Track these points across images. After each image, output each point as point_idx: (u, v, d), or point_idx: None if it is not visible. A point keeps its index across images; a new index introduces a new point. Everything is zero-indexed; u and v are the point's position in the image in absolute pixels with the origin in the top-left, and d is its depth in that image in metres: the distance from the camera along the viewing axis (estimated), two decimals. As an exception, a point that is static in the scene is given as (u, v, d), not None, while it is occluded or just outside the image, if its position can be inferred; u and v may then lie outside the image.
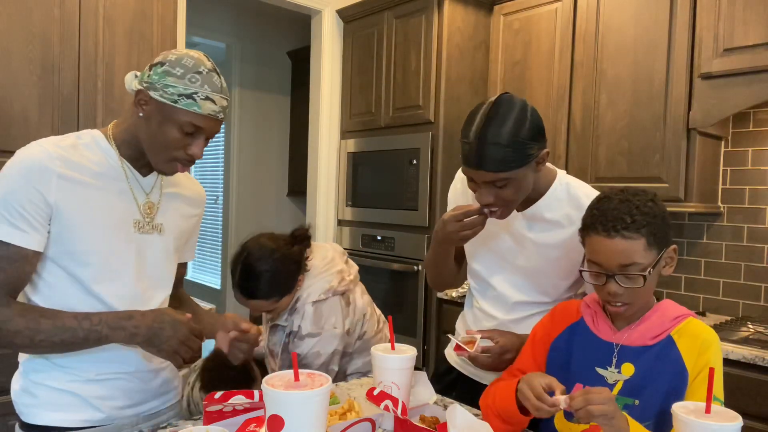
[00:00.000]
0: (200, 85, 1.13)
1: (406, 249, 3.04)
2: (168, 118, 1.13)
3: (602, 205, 1.13)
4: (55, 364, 1.18)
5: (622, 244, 1.08)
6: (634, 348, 1.15)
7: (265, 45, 4.72)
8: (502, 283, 1.49)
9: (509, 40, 2.98)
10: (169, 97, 1.12)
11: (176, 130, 1.14)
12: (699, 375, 1.09)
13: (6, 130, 2.06)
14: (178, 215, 1.33)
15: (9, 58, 2.07)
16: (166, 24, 2.41)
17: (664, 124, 2.39)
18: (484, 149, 1.20)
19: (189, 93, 1.12)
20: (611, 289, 1.11)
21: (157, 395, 1.31)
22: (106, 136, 1.22)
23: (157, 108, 1.14)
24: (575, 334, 1.23)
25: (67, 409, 1.18)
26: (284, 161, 4.89)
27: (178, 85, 1.12)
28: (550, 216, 1.38)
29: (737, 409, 0.95)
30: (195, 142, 1.16)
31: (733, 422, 0.89)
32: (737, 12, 2.18)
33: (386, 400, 1.08)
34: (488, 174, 1.22)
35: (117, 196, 1.20)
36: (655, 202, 1.14)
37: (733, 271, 2.52)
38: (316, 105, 3.54)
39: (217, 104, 1.15)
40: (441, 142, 2.93)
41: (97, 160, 1.19)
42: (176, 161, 1.18)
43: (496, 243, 1.48)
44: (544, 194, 1.38)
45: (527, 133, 1.22)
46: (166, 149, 1.16)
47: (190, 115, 1.13)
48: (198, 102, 1.12)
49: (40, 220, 1.11)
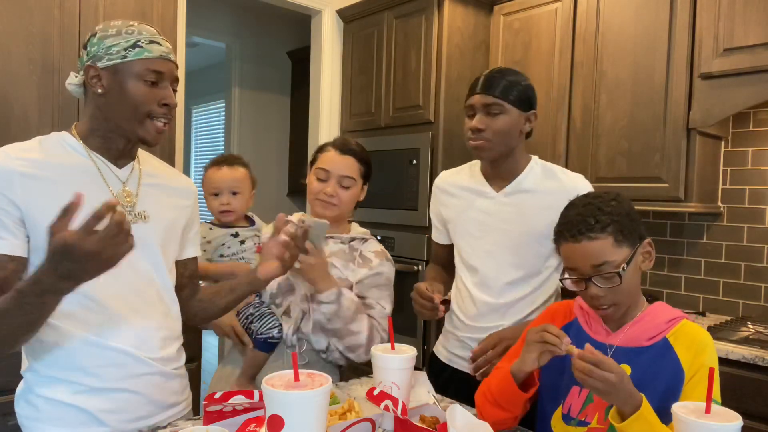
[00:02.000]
0: (138, 33, 1.15)
1: (406, 249, 3.04)
2: (126, 75, 1.14)
3: (568, 213, 1.18)
4: (59, 376, 1.14)
5: (590, 245, 1.11)
6: (629, 349, 1.16)
7: (265, 45, 4.72)
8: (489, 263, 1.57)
9: (509, 40, 2.98)
10: (117, 56, 1.13)
11: (140, 84, 1.14)
12: (695, 376, 1.09)
13: (6, 130, 2.06)
14: (162, 204, 1.28)
15: (9, 58, 2.07)
16: (166, 24, 2.41)
17: (664, 124, 2.39)
18: (493, 78, 1.51)
19: (133, 43, 1.14)
20: (592, 292, 1.13)
21: (165, 407, 1.26)
22: (71, 134, 1.21)
23: (111, 74, 1.14)
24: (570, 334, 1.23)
25: (71, 424, 1.14)
26: (284, 161, 4.89)
27: (119, 42, 1.14)
28: (527, 186, 1.56)
29: (737, 409, 0.95)
30: (162, 90, 1.16)
31: (733, 422, 0.89)
32: (737, 12, 2.18)
33: (386, 400, 1.08)
34: (489, 97, 1.49)
35: (88, 188, 1.13)
36: (618, 200, 1.16)
37: (733, 271, 2.52)
38: (316, 105, 3.54)
39: (163, 45, 1.17)
40: (441, 142, 2.93)
41: (63, 155, 1.17)
42: (151, 118, 1.16)
43: (479, 226, 1.59)
44: (521, 172, 1.58)
45: (529, 88, 1.53)
46: (136, 109, 1.14)
47: (144, 63, 1.14)
48: (145, 47, 1.14)
49: (12, 225, 1.08)
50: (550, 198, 1.46)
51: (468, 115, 1.55)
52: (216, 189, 1.81)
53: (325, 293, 1.48)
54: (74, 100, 2.21)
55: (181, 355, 1.33)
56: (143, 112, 1.15)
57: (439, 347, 1.73)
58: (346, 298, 1.50)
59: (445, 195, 1.71)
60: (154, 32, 1.19)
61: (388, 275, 1.65)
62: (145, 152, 1.34)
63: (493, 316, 1.56)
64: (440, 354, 1.71)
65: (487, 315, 1.57)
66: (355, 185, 1.63)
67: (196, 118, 6.45)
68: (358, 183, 1.64)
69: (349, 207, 1.66)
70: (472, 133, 1.52)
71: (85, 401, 1.14)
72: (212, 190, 1.81)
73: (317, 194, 1.60)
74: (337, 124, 3.56)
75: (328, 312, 1.49)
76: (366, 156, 1.66)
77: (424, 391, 1.34)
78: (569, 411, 1.19)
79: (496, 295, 1.57)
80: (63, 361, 1.15)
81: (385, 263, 1.65)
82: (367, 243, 1.67)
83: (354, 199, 1.65)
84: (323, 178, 1.60)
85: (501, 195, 1.58)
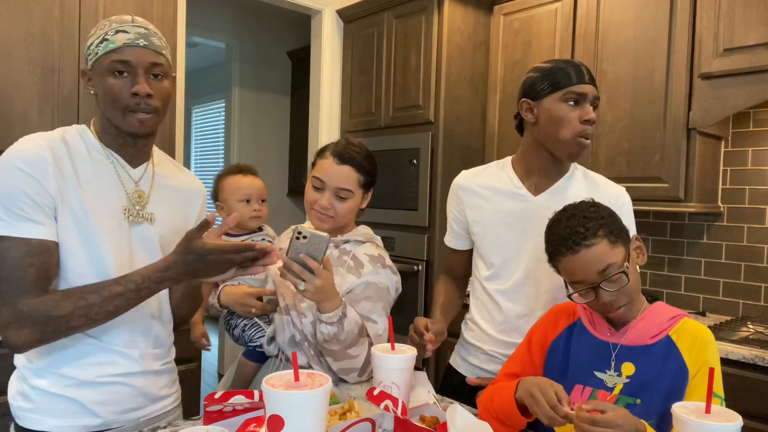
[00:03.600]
0: (108, 26, 1.16)
1: (406, 249, 3.04)
2: (101, 72, 1.15)
3: (554, 230, 1.18)
4: (52, 368, 1.16)
5: (589, 252, 1.11)
6: (634, 347, 1.16)
7: (265, 45, 4.72)
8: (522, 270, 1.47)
9: (509, 40, 2.98)
10: (93, 55, 1.15)
11: (110, 77, 1.14)
12: (699, 372, 1.10)
13: (6, 130, 2.06)
14: (172, 206, 1.30)
15: (9, 58, 2.07)
16: (166, 24, 2.41)
17: (664, 124, 2.39)
18: (589, 71, 1.40)
19: (101, 38, 1.15)
20: (604, 299, 1.13)
21: (156, 399, 1.28)
22: (89, 129, 1.23)
23: (94, 74, 1.16)
24: (573, 335, 1.24)
25: (64, 415, 1.16)
26: (284, 161, 4.89)
27: (94, 40, 1.16)
28: (569, 190, 1.47)
29: (737, 409, 0.95)
30: (132, 79, 1.15)
31: (733, 422, 0.89)
32: (737, 12, 2.18)
33: (386, 400, 1.08)
34: (596, 90, 1.40)
35: (105, 183, 1.19)
36: (596, 205, 1.18)
37: (733, 271, 2.52)
38: (316, 105, 3.54)
39: (130, 32, 1.15)
40: (441, 142, 2.93)
41: (83, 149, 1.19)
42: (129, 111, 1.16)
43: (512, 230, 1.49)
44: (564, 175, 1.49)
45: None
46: (114, 103, 1.15)
47: (110, 55, 1.14)
48: (111, 38, 1.14)
49: (50, 211, 1.11)
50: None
51: (570, 102, 1.38)
52: (247, 196, 1.84)
53: (326, 314, 1.31)
54: (74, 100, 2.21)
55: (171, 351, 1.36)
56: (120, 107, 1.15)
57: (458, 360, 1.62)
58: (349, 321, 1.34)
59: (470, 195, 1.56)
60: (126, 20, 1.16)
61: (385, 284, 1.47)
62: (161, 153, 1.36)
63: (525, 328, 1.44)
64: (461, 368, 1.60)
65: (517, 327, 1.47)
66: (353, 197, 1.47)
67: (196, 118, 6.45)
68: (357, 194, 1.48)
69: (347, 218, 1.52)
70: (588, 125, 1.38)
71: (76, 393, 1.16)
72: (242, 197, 1.84)
73: (312, 204, 1.47)
74: (337, 124, 3.56)
75: (327, 333, 1.33)
76: (367, 163, 1.49)
77: (424, 391, 1.34)
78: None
79: (529, 305, 1.47)
80: (55, 354, 1.16)
81: (380, 270, 1.47)
82: (363, 245, 1.51)
83: (352, 211, 1.50)
84: (319, 188, 1.47)
85: (540, 197, 1.47)
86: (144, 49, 1.15)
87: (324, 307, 1.31)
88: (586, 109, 1.37)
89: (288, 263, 1.23)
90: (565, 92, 1.37)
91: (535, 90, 1.42)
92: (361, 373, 1.42)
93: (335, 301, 1.31)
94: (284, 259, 1.24)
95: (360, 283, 1.44)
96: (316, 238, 1.23)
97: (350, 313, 1.35)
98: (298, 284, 1.24)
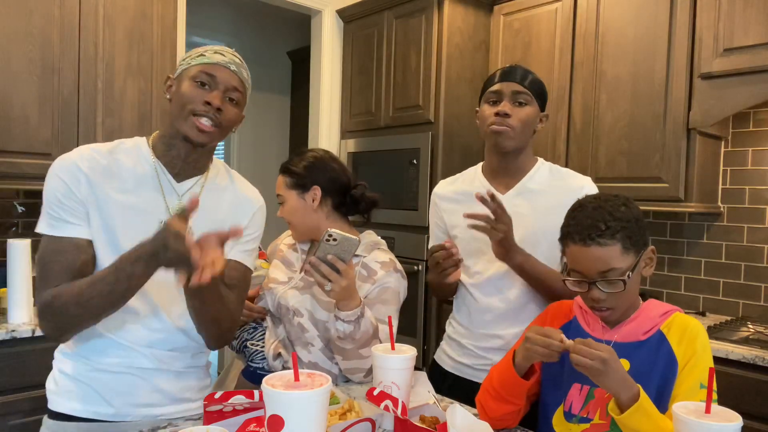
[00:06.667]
0: (209, 48, 1.24)
1: (406, 249, 3.04)
2: (184, 78, 1.22)
3: (577, 215, 1.16)
4: (76, 355, 1.22)
5: (599, 251, 1.11)
6: (628, 344, 1.17)
7: (265, 45, 4.71)
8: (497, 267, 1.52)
9: (509, 40, 2.98)
10: (184, 65, 1.24)
11: (191, 84, 1.20)
12: (688, 363, 1.11)
13: (6, 130, 2.06)
14: (210, 219, 1.26)
15: (9, 58, 2.07)
16: (166, 24, 2.41)
17: (664, 124, 2.39)
18: (519, 69, 1.51)
19: (199, 53, 1.23)
20: (594, 295, 1.14)
21: (178, 401, 1.27)
22: (147, 141, 1.28)
23: (177, 80, 1.24)
24: (569, 333, 1.24)
25: (82, 399, 1.20)
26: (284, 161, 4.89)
27: (192, 54, 1.25)
28: (534, 186, 1.55)
29: (737, 409, 0.95)
30: (211, 92, 1.20)
31: (733, 422, 0.89)
32: (737, 12, 2.18)
33: (386, 400, 1.08)
34: (518, 85, 1.48)
35: (144, 197, 1.22)
36: (628, 206, 1.16)
37: (733, 271, 2.52)
38: (316, 105, 3.54)
39: (226, 56, 1.23)
40: (441, 142, 2.93)
41: (130, 163, 1.24)
42: (194, 115, 1.19)
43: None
44: (528, 172, 1.57)
45: (546, 90, 1.55)
46: (183, 107, 1.20)
47: (200, 66, 1.21)
48: (207, 55, 1.23)
49: (82, 214, 1.17)
50: (558, 198, 1.44)
51: (489, 102, 1.52)
52: None
53: (345, 312, 1.36)
54: (74, 100, 2.22)
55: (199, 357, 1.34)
56: (188, 110, 1.19)
57: (442, 355, 1.67)
58: (365, 321, 1.39)
59: (446, 201, 1.67)
60: (226, 49, 1.26)
61: (396, 288, 1.53)
62: (221, 166, 1.36)
63: (503, 323, 1.52)
64: (443, 362, 1.65)
65: (496, 321, 1.53)
66: (285, 200, 1.62)
67: (196, 118, 6.44)
68: (290, 195, 1.60)
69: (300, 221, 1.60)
70: (497, 117, 1.48)
71: (93, 379, 1.21)
72: None
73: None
74: (337, 124, 3.56)
75: (342, 331, 1.37)
76: (297, 164, 1.62)
77: (424, 391, 1.34)
78: (570, 409, 1.19)
79: (505, 299, 1.52)
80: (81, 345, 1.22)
81: (392, 274, 1.54)
82: (374, 252, 1.57)
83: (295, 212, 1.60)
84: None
85: (507, 196, 1.54)
86: (232, 73, 1.24)
87: (343, 305, 1.36)
88: (501, 105, 1.49)
89: (316, 264, 1.28)
90: (486, 95, 1.53)
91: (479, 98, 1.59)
92: (368, 374, 1.45)
93: (355, 300, 1.36)
94: (312, 260, 1.28)
95: (374, 287, 1.51)
96: (346, 242, 1.27)
97: (367, 313, 1.40)
98: (324, 284, 1.29)
